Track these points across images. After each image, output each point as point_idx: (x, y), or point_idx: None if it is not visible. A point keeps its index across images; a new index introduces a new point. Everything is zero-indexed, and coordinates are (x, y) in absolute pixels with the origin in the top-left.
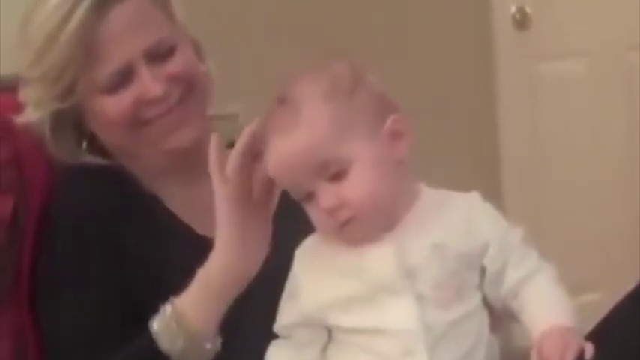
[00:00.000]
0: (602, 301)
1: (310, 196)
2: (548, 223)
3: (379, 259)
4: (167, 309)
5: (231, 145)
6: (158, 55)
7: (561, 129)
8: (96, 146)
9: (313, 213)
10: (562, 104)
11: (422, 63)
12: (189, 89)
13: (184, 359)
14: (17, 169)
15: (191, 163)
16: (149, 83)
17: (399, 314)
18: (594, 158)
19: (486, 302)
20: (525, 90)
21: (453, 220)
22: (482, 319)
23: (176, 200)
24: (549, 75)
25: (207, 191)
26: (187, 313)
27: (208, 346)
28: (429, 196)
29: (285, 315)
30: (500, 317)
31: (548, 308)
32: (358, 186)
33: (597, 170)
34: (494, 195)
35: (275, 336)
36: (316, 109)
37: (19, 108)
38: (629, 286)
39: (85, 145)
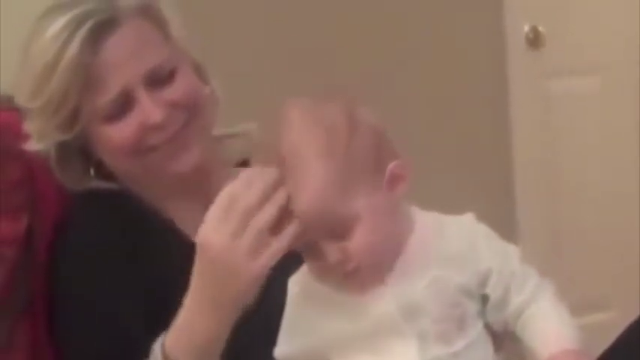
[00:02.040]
0: (616, 319)
1: (312, 249)
2: (562, 240)
3: (378, 300)
4: (157, 353)
5: (243, 163)
6: (158, 79)
7: (575, 145)
8: (103, 171)
9: (314, 264)
10: (575, 121)
11: (436, 80)
12: (192, 113)
13: None
14: (30, 187)
15: (199, 184)
16: (149, 109)
17: (402, 356)
18: (608, 174)
19: (488, 325)
20: (538, 107)
21: (451, 251)
22: (486, 346)
23: (187, 222)
24: (562, 92)
25: None
26: (174, 350)
27: None
28: (423, 224)
29: (285, 345)
30: (502, 339)
31: (554, 330)
32: (364, 241)
33: (611, 186)
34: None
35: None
36: (316, 171)
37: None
38: None
39: (92, 171)
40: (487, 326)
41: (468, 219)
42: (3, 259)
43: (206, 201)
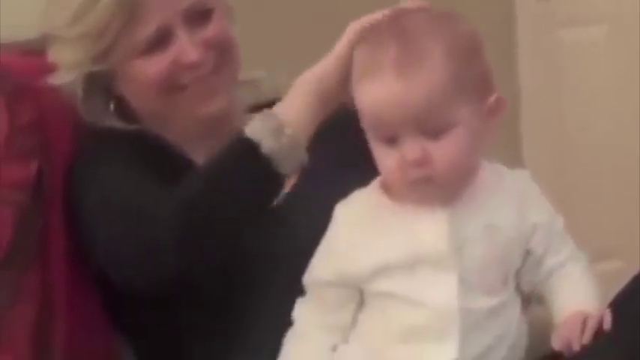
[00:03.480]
0: (626, 268)
1: (392, 141)
2: (570, 189)
3: (433, 228)
4: (266, 114)
5: (254, 109)
6: (195, 17)
7: (581, 94)
8: (123, 110)
9: (386, 158)
10: (583, 70)
11: None
12: (224, 56)
13: (279, 158)
14: (41, 132)
15: (219, 130)
16: (187, 47)
17: (441, 291)
18: (616, 123)
19: (517, 286)
20: (547, 56)
21: (506, 202)
22: (516, 306)
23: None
24: (570, 41)
25: None
26: (281, 112)
27: (300, 151)
28: (485, 171)
29: (320, 271)
30: (529, 301)
31: (578, 297)
32: (452, 150)
33: (619, 135)
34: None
35: (301, 287)
36: (440, 64)
37: (42, 71)
38: None
39: (112, 107)
40: (517, 287)
41: (524, 174)
42: (13, 204)
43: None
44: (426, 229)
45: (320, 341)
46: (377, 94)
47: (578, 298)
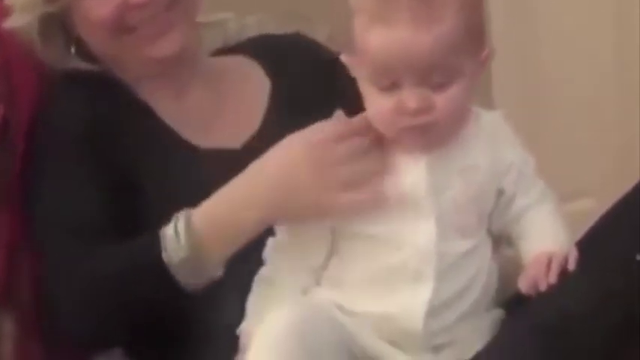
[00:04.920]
0: (598, 207)
1: (393, 88)
2: (541, 128)
3: (412, 172)
4: (180, 216)
5: (217, 52)
6: None
7: (553, 30)
8: (84, 51)
9: (382, 104)
10: (555, 7)
11: None
12: None
13: (181, 272)
14: (5, 78)
15: (180, 70)
16: None
17: (419, 233)
18: (588, 61)
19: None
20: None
21: (482, 142)
22: (488, 248)
23: (166, 109)
24: None
25: (197, 100)
26: (201, 228)
27: (211, 269)
28: None
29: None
30: (499, 243)
31: (545, 238)
32: (454, 100)
33: (591, 73)
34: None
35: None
36: (454, 12)
37: (3, 14)
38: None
39: (73, 49)
40: (487, 228)
41: (498, 115)
42: None
43: (184, 88)
44: (404, 171)
45: (289, 283)
46: (391, 39)
47: (545, 239)
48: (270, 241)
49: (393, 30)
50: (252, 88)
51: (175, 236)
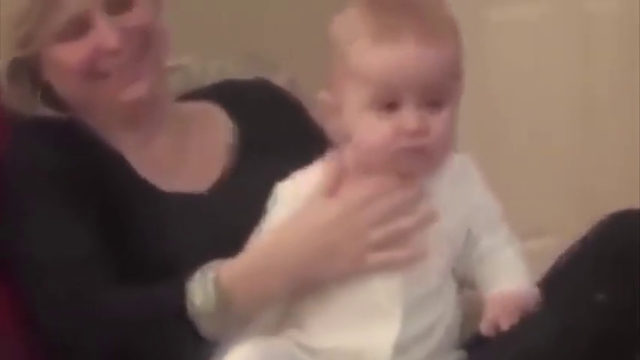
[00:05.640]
0: (558, 245)
1: (390, 110)
2: (502, 169)
3: None
4: (208, 271)
5: (182, 97)
6: (117, 4)
7: (512, 75)
8: (50, 98)
9: (379, 125)
10: (513, 50)
11: None
12: (146, 44)
13: (206, 325)
14: None
15: (147, 117)
16: (106, 33)
17: (386, 273)
18: (546, 103)
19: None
20: (476, 36)
21: (453, 184)
22: (453, 287)
23: (133, 155)
24: (501, 20)
25: (164, 145)
26: (230, 286)
27: (236, 324)
28: None
29: None
30: (462, 286)
31: (510, 279)
32: (446, 124)
33: (549, 116)
34: None
35: None
36: (454, 35)
37: None
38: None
39: (39, 95)
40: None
41: (465, 158)
42: None
43: (151, 134)
44: None
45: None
46: (395, 58)
47: (509, 281)
48: None
49: (399, 48)
50: (216, 133)
51: (203, 292)
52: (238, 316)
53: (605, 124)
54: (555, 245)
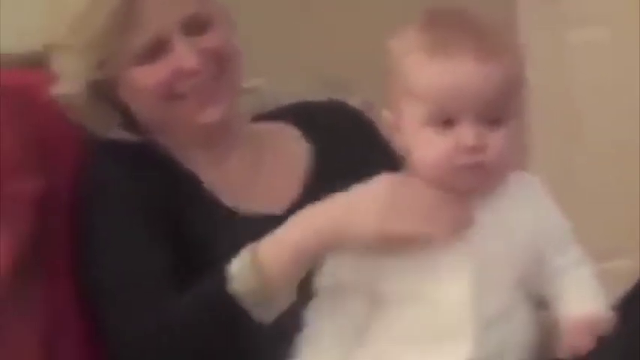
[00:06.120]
0: (636, 267)
1: (447, 125)
2: (581, 190)
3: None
4: (245, 253)
5: (257, 118)
6: (194, 27)
7: (590, 94)
8: (127, 121)
9: (437, 141)
10: (591, 73)
11: None
12: (224, 65)
13: (251, 303)
14: (44, 148)
15: (222, 138)
16: (184, 55)
17: (456, 291)
18: (622, 123)
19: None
20: (554, 57)
21: (522, 205)
22: (527, 308)
23: (208, 176)
24: (577, 42)
25: (238, 166)
26: (267, 267)
27: (280, 298)
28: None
29: (331, 274)
30: (534, 304)
31: (583, 302)
32: (504, 141)
33: (628, 135)
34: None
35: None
36: (512, 56)
37: (44, 85)
38: None
39: (117, 117)
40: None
41: (535, 180)
42: (19, 219)
43: (225, 154)
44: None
45: (332, 347)
46: (455, 71)
47: (584, 303)
48: (311, 304)
49: (456, 62)
50: (292, 154)
51: (241, 267)
52: (279, 287)
53: None
54: (634, 267)
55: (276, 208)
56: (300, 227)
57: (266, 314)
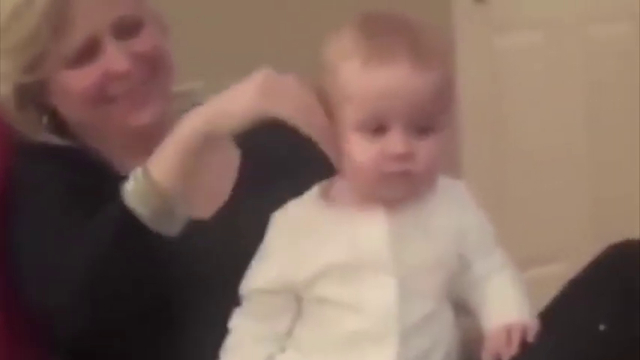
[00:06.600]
0: (569, 272)
1: (379, 133)
2: (510, 197)
3: (372, 232)
4: (137, 170)
5: None
6: (125, 30)
7: (520, 99)
8: (55, 124)
9: (366, 148)
10: (520, 74)
11: None
12: (155, 68)
13: (157, 221)
14: None
15: (153, 142)
16: (115, 57)
17: (381, 296)
18: (552, 128)
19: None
20: (485, 61)
21: (445, 208)
22: (449, 312)
23: None
24: (508, 46)
25: None
26: (153, 169)
27: (177, 208)
28: None
29: (257, 279)
30: (455, 309)
31: (507, 307)
32: (432, 149)
33: (557, 139)
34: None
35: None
36: (445, 62)
37: None
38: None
39: (45, 120)
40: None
41: (460, 183)
42: None
43: None
44: (366, 233)
45: (254, 352)
46: (383, 82)
47: (506, 308)
48: (236, 311)
49: (390, 71)
50: (222, 160)
51: (133, 180)
52: (172, 187)
53: (612, 153)
54: (564, 271)
55: (205, 213)
56: (180, 127)
57: (168, 225)
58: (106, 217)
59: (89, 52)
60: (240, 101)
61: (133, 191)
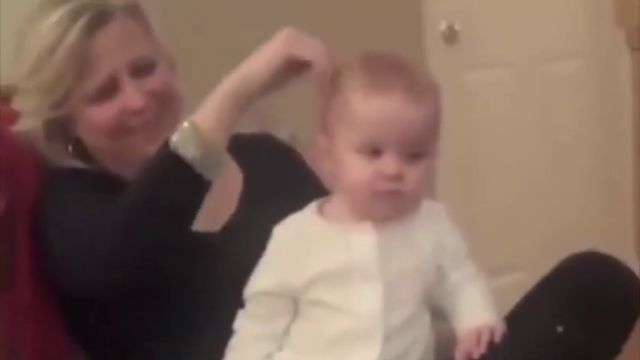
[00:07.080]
0: (529, 280)
1: (374, 156)
2: (479, 214)
3: (363, 243)
4: (182, 123)
5: None
6: (140, 69)
7: (487, 129)
8: (80, 151)
9: (362, 168)
10: (488, 107)
11: None
12: (166, 104)
13: (201, 162)
14: (9, 172)
15: None
16: (132, 95)
17: (368, 300)
18: (516, 153)
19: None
20: (454, 96)
21: (425, 225)
22: (426, 316)
23: None
24: (476, 83)
25: None
26: (198, 121)
27: (218, 156)
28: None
29: (259, 283)
30: (431, 317)
31: (478, 312)
32: (420, 174)
33: (520, 166)
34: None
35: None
36: (434, 98)
37: (12, 117)
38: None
39: (70, 149)
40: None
41: (438, 205)
42: None
43: None
44: (357, 244)
45: (254, 350)
46: (383, 111)
47: (476, 314)
48: (240, 313)
49: (389, 102)
50: (227, 180)
51: (180, 130)
52: (217, 136)
53: (569, 174)
54: (527, 280)
55: (215, 226)
56: (216, 91)
57: (210, 169)
58: (147, 168)
59: (109, 90)
60: (266, 53)
61: (179, 139)
